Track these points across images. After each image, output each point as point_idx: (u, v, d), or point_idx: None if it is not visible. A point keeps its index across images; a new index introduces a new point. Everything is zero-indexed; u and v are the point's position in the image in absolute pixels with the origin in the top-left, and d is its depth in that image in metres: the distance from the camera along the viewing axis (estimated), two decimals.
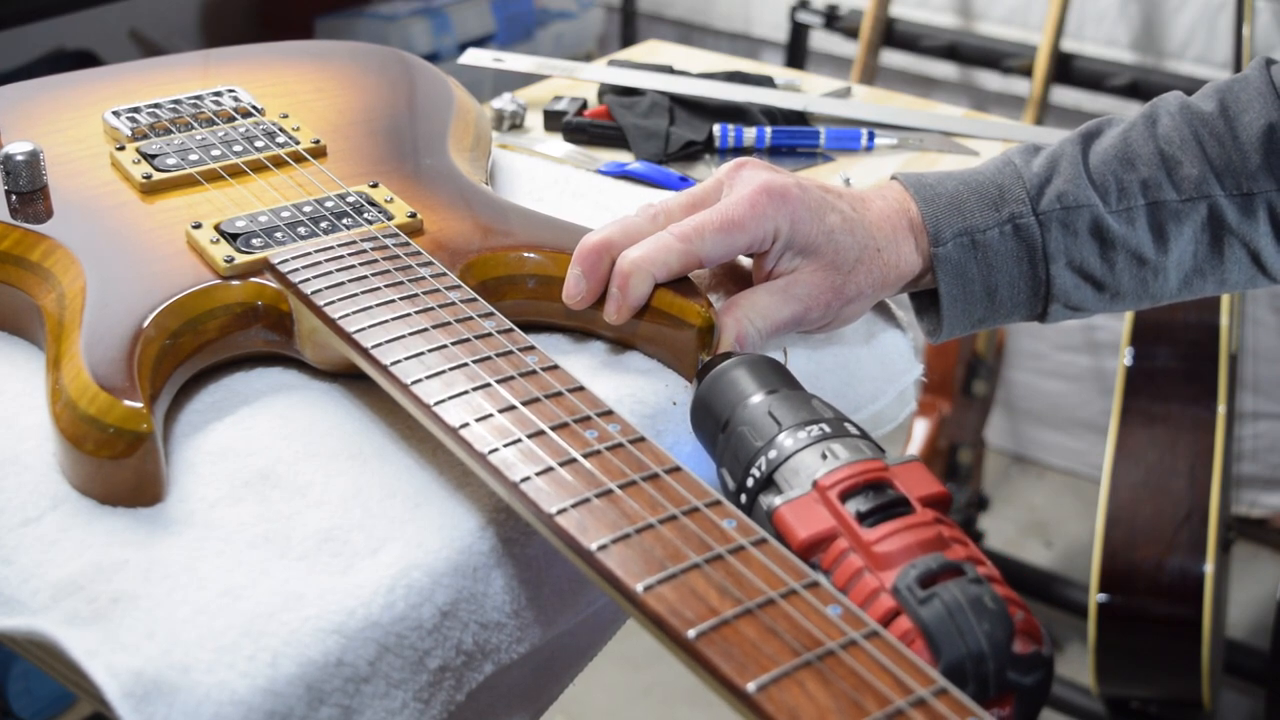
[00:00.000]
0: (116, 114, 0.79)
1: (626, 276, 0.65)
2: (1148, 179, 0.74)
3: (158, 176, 0.73)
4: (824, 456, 0.53)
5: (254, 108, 0.82)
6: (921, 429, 1.92)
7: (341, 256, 0.66)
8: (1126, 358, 1.74)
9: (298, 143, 0.78)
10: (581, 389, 0.58)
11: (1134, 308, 0.78)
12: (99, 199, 0.72)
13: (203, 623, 0.51)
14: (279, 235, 0.68)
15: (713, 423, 0.59)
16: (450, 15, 2.09)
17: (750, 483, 0.54)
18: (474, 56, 1.13)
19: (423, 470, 0.60)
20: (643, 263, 0.65)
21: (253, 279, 0.66)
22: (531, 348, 0.60)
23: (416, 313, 0.62)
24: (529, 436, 0.54)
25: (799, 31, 2.19)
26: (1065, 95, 2.11)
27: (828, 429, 0.54)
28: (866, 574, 0.48)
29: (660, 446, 0.54)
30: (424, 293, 0.63)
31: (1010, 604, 0.47)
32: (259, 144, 0.77)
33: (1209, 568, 1.62)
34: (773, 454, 0.54)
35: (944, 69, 2.27)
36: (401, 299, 0.63)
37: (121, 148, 0.76)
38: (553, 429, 0.55)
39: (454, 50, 2.06)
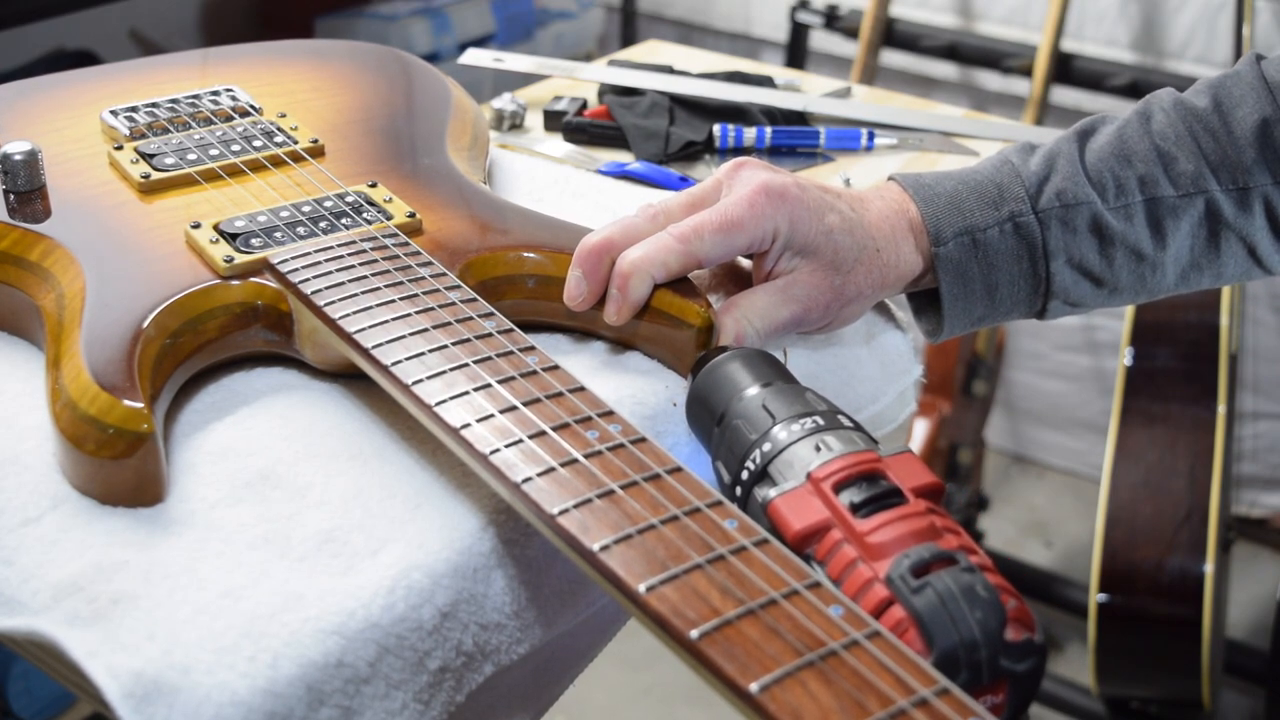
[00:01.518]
0: (114, 113, 0.79)
1: (626, 277, 0.65)
2: (1145, 175, 0.74)
3: (156, 176, 0.73)
4: (818, 449, 0.53)
5: (252, 107, 0.82)
6: (921, 429, 1.92)
7: (341, 256, 0.66)
8: (1126, 358, 1.74)
9: (296, 142, 0.78)
10: (582, 389, 0.58)
11: (1131, 302, 0.79)
12: (97, 199, 0.72)
13: (203, 624, 0.51)
14: (278, 235, 0.68)
15: (708, 416, 0.59)
16: (450, 15, 2.09)
17: (745, 475, 0.55)
18: (474, 56, 1.13)
19: (423, 471, 0.60)
20: (642, 263, 0.65)
21: (252, 279, 0.66)
22: (532, 348, 0.60)
23: (416, 313, 0.62)
24: (530, 437, 0.54)
25: (799, 31, 2.18)
26: (1065, 95, 2.11)
27: (821, 421, 0.55)
28: (860, 564, 0.49)
29: (661, 447, 0.54)
30: (424, 293, 0.63)
31: (1002, 592, 0.47)
32: (257, 143, 0.77)
33: (1209, 568, 1.62)
34: (767, 446, 0.54)
35: (944, 69, 2.27)
36: (401, 299, 0.63)
37: (119, 147, 0.76)
38: (554, 429, 0.55)
39: (454, 50, 2.06)
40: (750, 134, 1.01)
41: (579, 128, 1.03)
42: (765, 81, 1.12)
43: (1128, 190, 0.74)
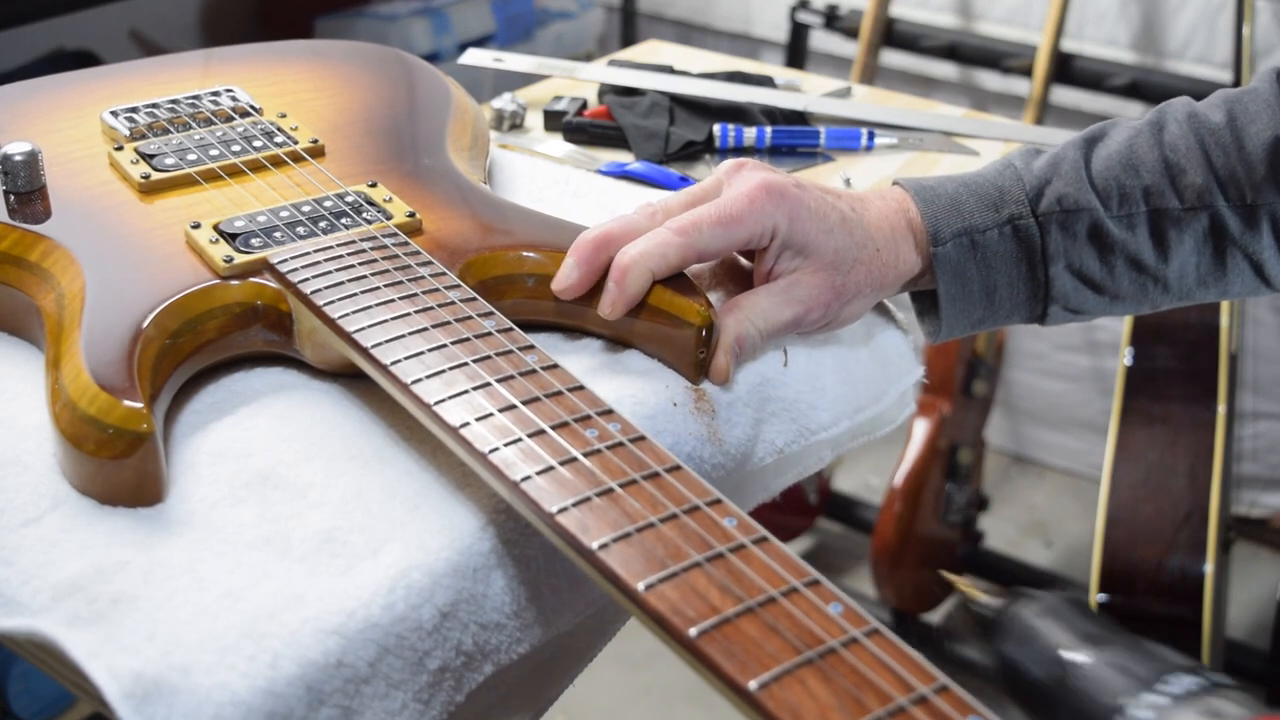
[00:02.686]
0: (114, 114, 0.79)
1: (624, 271, 0.65)
2: (1151, 186, 0.74)
3: (156, 176, 0.73)
4: (1211, 716, 0.48)
5: (252, 107, 0.82)
6: (921, 429, 1.92)
7: (341, 256, 0.66)
8: (1126, 358, 1.74)
9: (296, 142, 0.78)
10: (581, 388, 0.58)
11: (1134, 312, 0.78)
12: (98, 199, 0.72)
13: (203, 624, 0.51)
14: (278, 235, 0.68)
15: (1026, 680, 0.54)
16: (450, 15, 2.09)
17: None
18: (474, 56, 1.13)
19: (423, 471, 0.60)
20: (640, 257, 0.65)
21: (252, 279, 0.66)
22: (531, 347, 0.60)
23: (416, 312, 0.62)
24: (529, 435, 0.54)
25: (799, 31, 2.18)
26: (1065, 95, 2.11)
27: (1195, 682, 0.50)
28: None
29: (660, 445, 0.54)
30: (423, 292, 0.63)
31: None
32: (257, 144, 0.77)
33: (1209, 568, 1.62)
34: (1145, 715, 0.50)
35: (944, 69, 2.27)
36: (401, 299, 0.63)
37: (120, 147, 0.76)
38: (553, 428, 0.55)
39: (454, 50, 2.06)
40: (750, 134, 1.01)
41: (579, 128, 1.03)
42: (765, 81, 1.12)
43: (1132, 200, 0.74)
